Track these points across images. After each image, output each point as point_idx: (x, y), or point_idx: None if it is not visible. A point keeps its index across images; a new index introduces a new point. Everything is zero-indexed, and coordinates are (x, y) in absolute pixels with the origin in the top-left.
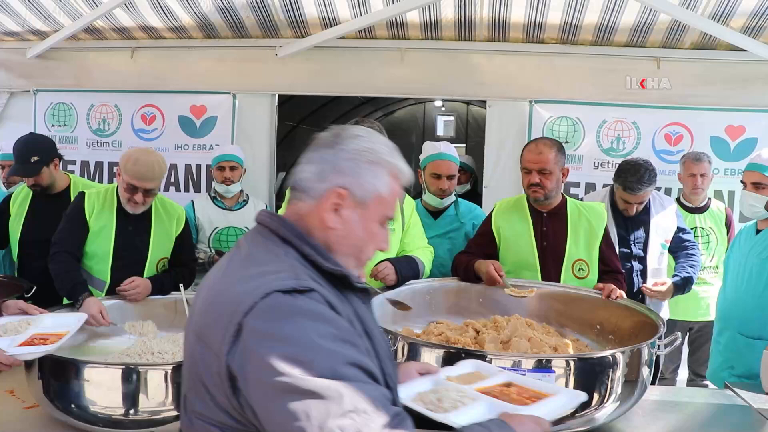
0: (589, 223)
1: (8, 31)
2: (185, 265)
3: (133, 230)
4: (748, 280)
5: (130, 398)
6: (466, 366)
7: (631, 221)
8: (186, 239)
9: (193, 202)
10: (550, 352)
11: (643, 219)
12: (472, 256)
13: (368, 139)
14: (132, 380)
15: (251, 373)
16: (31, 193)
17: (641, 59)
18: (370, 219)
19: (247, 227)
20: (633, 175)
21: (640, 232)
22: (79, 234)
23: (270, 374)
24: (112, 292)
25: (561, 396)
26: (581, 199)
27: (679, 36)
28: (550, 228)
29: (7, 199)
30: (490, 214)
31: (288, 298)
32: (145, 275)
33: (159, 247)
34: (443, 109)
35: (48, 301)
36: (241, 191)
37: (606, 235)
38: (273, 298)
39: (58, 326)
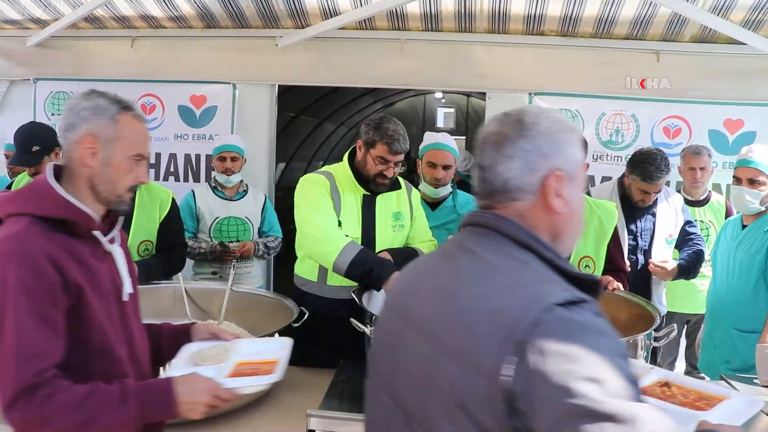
0: (599, 221)
1: (8, 19)
2: (173, 249)
3: None
4: (738, 276)
5: None
6: None
7: (639, 212)
8: (173, 223)
9: (193, 191)
10: None
11: (651, 210)
12: None
13: (547, 113)
14: None
15: (540, 396)
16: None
17: (641, 52)
18: (580, 187)
19: (247, 217)
20: (651, 164)
21: (648, 224)
22: None
23: (562, 396)
24: None
25: (736, 400)
26: (588, 194)
27: (678, 29)
28: None
29: (9, 187)
30: None
31: (567, 312)
32: None
33: (140, 230)
34: (443, 101)
35: None
36: (241, 181)
37: (615, 234)
38: (554, 312)
39: (258, 353)
